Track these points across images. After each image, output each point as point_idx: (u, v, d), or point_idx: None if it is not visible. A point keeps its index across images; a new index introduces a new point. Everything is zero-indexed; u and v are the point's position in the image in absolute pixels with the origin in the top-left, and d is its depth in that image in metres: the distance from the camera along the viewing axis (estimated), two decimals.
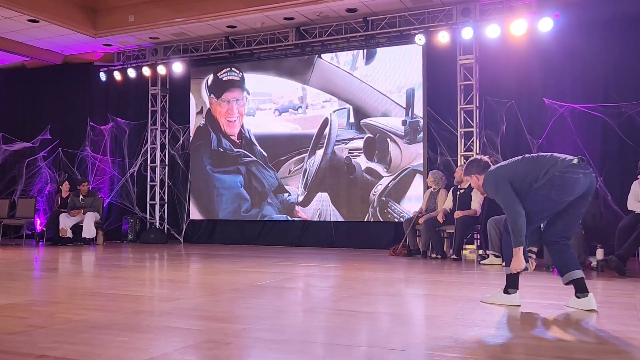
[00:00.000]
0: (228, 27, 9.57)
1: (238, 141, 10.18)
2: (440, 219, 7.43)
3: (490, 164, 3.96)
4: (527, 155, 3.82)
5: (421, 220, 7.61)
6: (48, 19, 9.14)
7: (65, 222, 9.74)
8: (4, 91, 12.25)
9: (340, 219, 9.39)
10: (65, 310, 3.50)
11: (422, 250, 7.59)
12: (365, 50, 9.32)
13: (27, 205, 10.50)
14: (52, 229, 9.92)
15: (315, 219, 9.57)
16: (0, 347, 2.53)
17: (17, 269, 6.13)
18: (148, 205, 10.78)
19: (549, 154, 3.72)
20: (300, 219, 9.66)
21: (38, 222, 10.77)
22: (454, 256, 7.20)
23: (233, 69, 10.27)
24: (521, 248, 3.56)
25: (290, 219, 9.72)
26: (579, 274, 3.62)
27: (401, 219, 8.65)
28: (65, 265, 6.83)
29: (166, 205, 10.82)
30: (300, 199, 9.66)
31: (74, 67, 11.41)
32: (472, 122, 8.61)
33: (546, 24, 7.93)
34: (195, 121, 10.55)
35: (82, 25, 9.59)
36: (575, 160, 3.56)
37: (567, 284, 3.67)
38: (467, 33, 8.32)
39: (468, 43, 8.60)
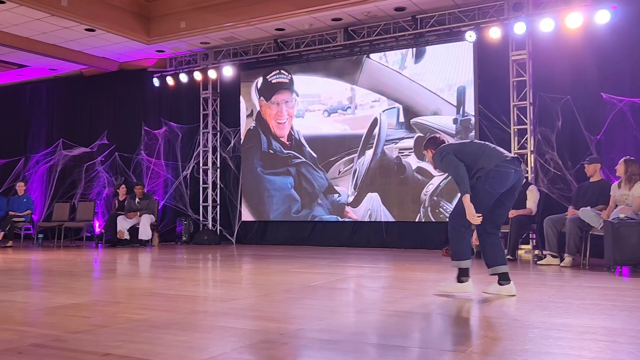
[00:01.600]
0: (276, 30, 9.66)
1: (288, 143, 10.26)
2: None
3: (445, 143, 4.54)
4: (475, 140, 4.46)
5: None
6: (104, 28, 9.44)
7: (123, 224, 10.04)
8: (63, 99, 12.72)
9: (390, 219, 9.33)
10: (125, 309, 3.60)
11: (475, 251, 7.46)
12: (414, 49, 9.23)
13: (86, 208, 10.89)
14: (110, 231, 10.25)
15: (366, 220, 9.55)
16: (67, 345, 2.63)
17: (79, 269, 6.35)
18: (201, 207, 10.99)
19: (493, 146, 4.23)
20: (351, 220, 9.65)
21: (97, 224, 11.14)
22: (508, 256, 7.04)
23: (282, 71, 10.36)
24: (468, 196, 4.01)
25: (340, 219, 9.73)
26: (505, 268, 4.18)
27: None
28: (123, 266, 7.05)
29: (218, 207, 11.00)
30: (351, 199, 9.66)
31: (129, 74, 11.76)
32: (526, 119, 8.41)
33: (603, 16, 7.67)
34: (245, 124, 10.70)
35: (137, 32, 9.87)
36: (509, 157, 4.11)
37: (492, 274, 4.22)
38: (519, 28, 8.13)
39: (521, 38, 8.41)
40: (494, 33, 8.30)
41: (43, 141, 12.71)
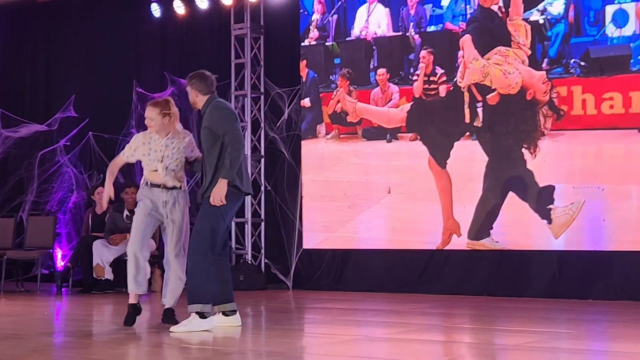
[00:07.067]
0: None
1: None
2: None
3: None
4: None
5: None
6: None
7: (103, 254, 10.11)
8: (1, 41, 13.01)
9: (563, 247, 9.06)
10: None
11: None
12: None
13: (41, 227, 11.05)
14: (81, 266, 10.36)
15: (527, 248, 9.29)
16: None
17: (30, 331, 6.48)
18: (233, 225, 10.93)
19: None
20: (495, 249, 9.40)
21: (59, 254, 11.28)
22: None
23: None
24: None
25: (479, 248, 9.50)
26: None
27: None
28: (102, 326, 7.29)
29: (263, 224, 10.96)
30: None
31: None
32: None
33: None
34: (310, 80, 10.62)
35: None
36: None
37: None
38: None
39: None
40: None
41: None
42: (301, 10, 10.67)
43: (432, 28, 9.86)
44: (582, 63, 8.95)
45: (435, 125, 9.73)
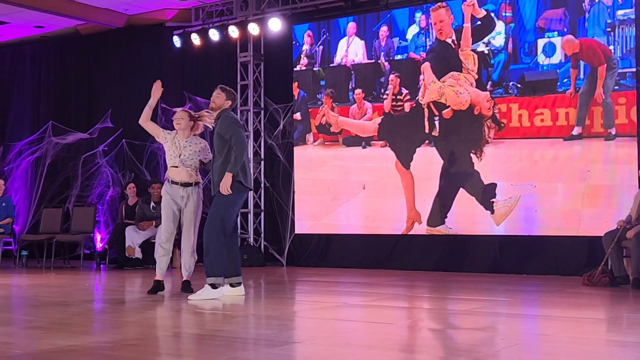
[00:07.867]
0: None
1: None
2: None
3: None
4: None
5: (630, 234, 7.20)
6: None
7: (133, 237, 10.09)
8: (52, 66, 12.94)
9: (504, 232, 9.04)
10: (142, 355, 3.54)
11: (632, 278, 7.14)
12: None
13: (84, 216, 11.04)
14: (116, 247, 10.34)
15: (475, 233, 9.28)
16: None
17: (75, 299, 6.60)
18: (239, 214, 10.91)
19: None
20: (448, 234, 9.39)
21: (98, 238, 11.28)
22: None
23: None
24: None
25: (435, 233, 9.48)
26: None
27: (599, 234, 8.13)
28: (133, 295, 7.30)
29: (262, 214, 10.93)
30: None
31: (140, 31, 11.87)
32: None
33: None
34: (300, 98, 10.59)
35: None
36: None
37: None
38: None
39: None
40: None
41: (27, 124, 12.96)
42: (294, 42, 10.65)
43: (398, 57, 9.82)
44: (519, 85, 8.95)
45: (401, 135, 9.70)
